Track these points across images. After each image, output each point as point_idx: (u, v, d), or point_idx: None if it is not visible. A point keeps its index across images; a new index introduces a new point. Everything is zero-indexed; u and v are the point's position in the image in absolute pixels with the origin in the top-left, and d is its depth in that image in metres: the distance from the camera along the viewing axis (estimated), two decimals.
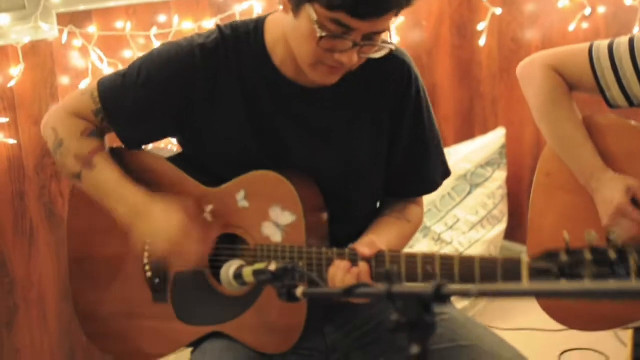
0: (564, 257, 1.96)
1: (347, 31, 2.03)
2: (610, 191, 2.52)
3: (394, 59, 2.30)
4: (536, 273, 2.00)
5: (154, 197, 2.30)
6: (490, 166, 4.25)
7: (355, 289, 1.70)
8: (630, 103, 2.55)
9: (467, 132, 4.64)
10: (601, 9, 3.97)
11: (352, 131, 2.32)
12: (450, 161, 4.17)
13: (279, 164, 2.30)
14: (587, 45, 2.60)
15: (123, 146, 2.40)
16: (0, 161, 3.40)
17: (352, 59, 2.08)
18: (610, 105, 2.59)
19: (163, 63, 2.28)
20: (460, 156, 4.24)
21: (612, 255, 1.92)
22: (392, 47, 2.13)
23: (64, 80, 3.48)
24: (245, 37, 2.29)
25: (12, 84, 3.35)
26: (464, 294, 1.44)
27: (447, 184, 4.18)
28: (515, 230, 4.40)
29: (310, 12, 2.03)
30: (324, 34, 2.03)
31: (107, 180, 2.33)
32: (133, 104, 2.31)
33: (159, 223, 2.26)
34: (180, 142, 2.42)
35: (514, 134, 4.41)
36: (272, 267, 2.03)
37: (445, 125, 4.61)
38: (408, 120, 2.36)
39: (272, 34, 2.27)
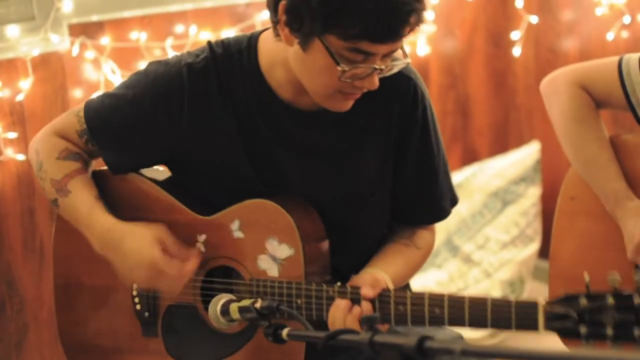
0: (583, 302, 1.83)
1: (367, 57, 1.93)
2: (633, 226, 2.34)
3: (398, 75, 2.14)
4: (553, 318, 1.86)
5: (123, 228, 2.16)
6: (524, 182, 4.08)
7: (338, 335, 1.62)
8: None
9: (501, 145, 4.46)
10: None
11: (354, 155, 2.18)
12: (482, 177, 4.07)
13: (275, 190, 2.17)
14: (616, 59, 2.43)
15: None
16: (10, 177, 3.30)
17: (373, 83, 1.98)
18: None
19: (149, 84, 2.16)
20: (493, 172, 4.07)
21: (637, 300, 1.78)
22: (409, 61, 2.02)
23: (76, 93, 3.37)
24: (237, 56, 2.15)
25: (21, 97, 3.24)
26: (447, 352, 1.36)
27: (478, 200, 4.05)
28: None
29: (325, 44, 1.92)
30: (346, 67, 1.92)
31: (79, 207, 2.20)
32: (118, 126, 2.19)
33: (130, 258, 2.13)
34: (170, 167, 2.29)
35: (550, 147, 4.23)
36: (258, 304, 1.92)
37: (478, 138, 4.45)
38: (415, 141, 2.21)
39: (267, 55, 2.13)
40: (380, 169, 2.21)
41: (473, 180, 4.08)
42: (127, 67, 3.40)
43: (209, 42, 2.19)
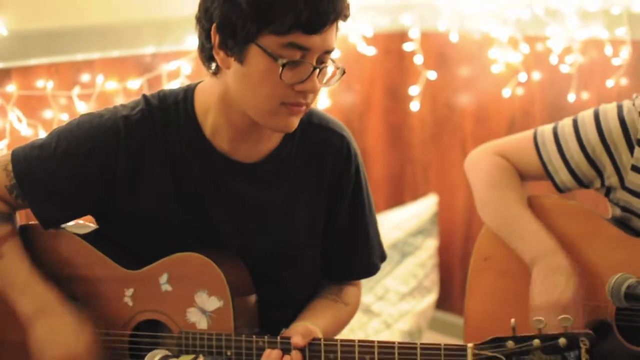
0: (511, 344, 1.92)
1: (304, 53, 1.95)
2: (563, 284, 2.41)
3: (332, 133, 2.20)
4: None
5: (68, 303, 2.18)
6: (422, 234, 4.15)
7: None
8: (580, 183, 2.50)
9: (397, 198, 4.54)
10: (536, 75, 3.93)
11: (288, 209, 2.21)
12: (381, 229, 4.10)
13: (207, 244, 2.17)
14: (531, 132, 2.56)
15: (36, 223, 2.24)
16: None
17: (315, 86, 1.98)
18: (560, 189, 2.53)
19: (83, 135, 2.14)
20: (391, 224, 4.13)
21: (563, 342, 1.88)
22: (343, 68, 2.04)
23: None
24: (174, 108, 2.15)
25: None
26: None
27: None
28: (446, 300, 4.30)
29: (261, 48, 1.94)
30: (284, 61, 1.93)
31: (15, 270, 2.18)
32: (49, 179, 2.16)
33: (66, 330, 2.15)
34: (98, 220, 2.27)
35: (445, 200, 4.33)
36: None
37: (375, 191, 4.45)
38: (347, 199, 2.25)
39: (202, 103, 2.14)
40: (312, 224, 2.24)
41: None
42: (33, 116, 3.36)
43: (144, 95, 2.18)
